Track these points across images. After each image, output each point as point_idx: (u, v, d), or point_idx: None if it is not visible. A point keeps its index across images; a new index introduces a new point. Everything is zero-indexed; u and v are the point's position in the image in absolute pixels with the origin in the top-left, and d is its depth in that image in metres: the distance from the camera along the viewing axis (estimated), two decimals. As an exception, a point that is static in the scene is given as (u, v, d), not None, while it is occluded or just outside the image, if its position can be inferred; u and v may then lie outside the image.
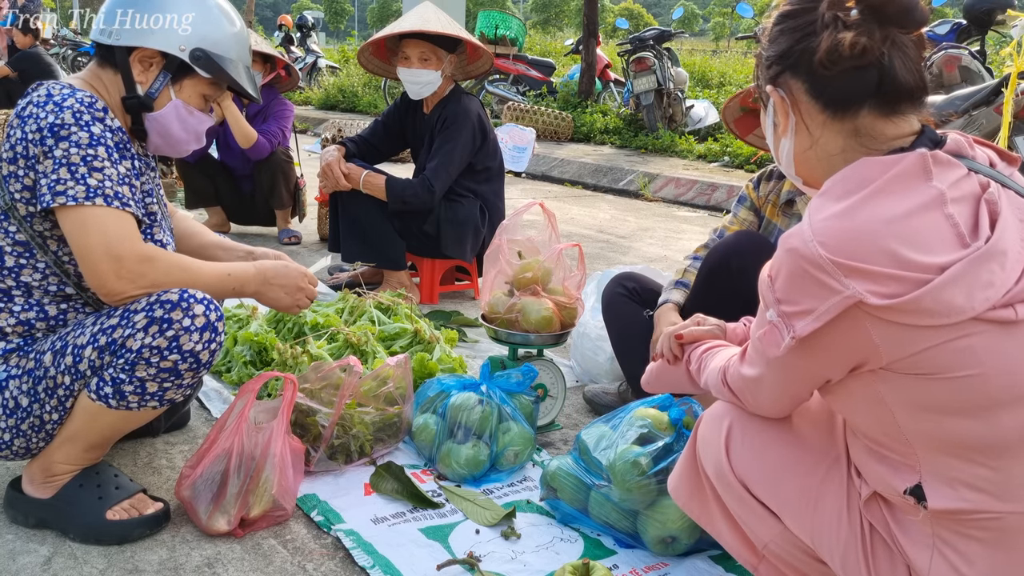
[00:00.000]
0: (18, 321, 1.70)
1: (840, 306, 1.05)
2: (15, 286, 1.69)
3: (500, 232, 2.41)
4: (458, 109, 3.47)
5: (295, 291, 1.87)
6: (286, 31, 15.93)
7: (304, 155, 7.21)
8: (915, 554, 1.16)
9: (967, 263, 1.03)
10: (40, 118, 1.60)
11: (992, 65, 6.98)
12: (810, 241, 1.07)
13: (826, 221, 1.07)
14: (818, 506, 1.26)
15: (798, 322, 1.09)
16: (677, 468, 1.48)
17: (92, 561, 1.68)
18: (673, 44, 12.25)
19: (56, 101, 1.61)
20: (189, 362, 1.63)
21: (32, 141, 1.60)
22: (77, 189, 1.59)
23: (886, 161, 1.10)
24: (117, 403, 1.64)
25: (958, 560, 1.13)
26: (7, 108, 6.79)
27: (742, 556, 1.39)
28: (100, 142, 1.63)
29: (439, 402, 2.17)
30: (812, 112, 1.19)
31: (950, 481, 1.11)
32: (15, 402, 1.67)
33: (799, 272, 1.08)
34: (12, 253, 1.68)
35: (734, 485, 1.32)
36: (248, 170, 4.56)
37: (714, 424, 1.38)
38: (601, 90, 10.86)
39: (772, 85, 1.22)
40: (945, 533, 1.14)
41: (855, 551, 1.22)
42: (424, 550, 1.77)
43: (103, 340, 1.61)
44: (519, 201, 3.42)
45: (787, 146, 1.25)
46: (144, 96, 1.77)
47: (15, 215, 1.66)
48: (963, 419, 1.08)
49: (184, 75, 1.80)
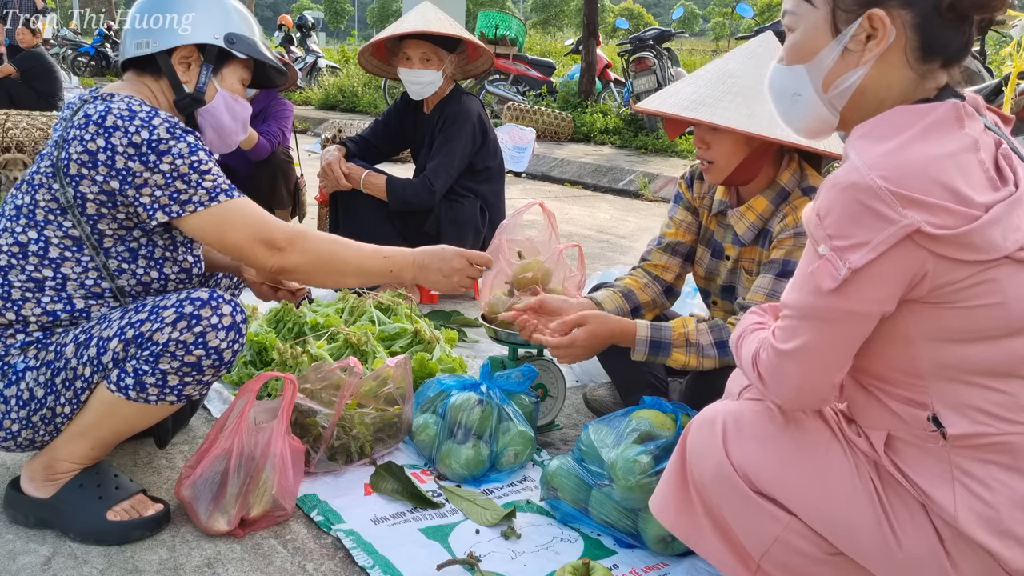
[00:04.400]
0: (44, 312, 1.71)
1: (898, 235, 1.09)
2: (51, 276, 1.71)
3: (500, 232, 2.41)
4: (458, 109, 3.47)
5: (453, 273, 1.96)
6: (286, 31, 15.93)
7: (304, 155, 7.20)
8: (936, 491, 1.19)
9: (1006, 205, 1.12)
10: (131, 132, 1.65)
11: (992, 65, 6.98)
12: (867, 175, 1.11)
13: (880, 157, 1.12)
14: (827, 477, 1.26)
15: (853, 254, 1.11)
16: (661, 488, 1.43)
17: (92, 561, 1.69)
18: (673, 44, 12.24)
19: (143, 117, 1.67)
20: (213, 359, 1.66)
21: (124, 154, 1.65)
22: (199, 194, 1.69)
23: (919, 109, 1.17)
24: (136, 395, 1.65)
25: (979, 487, 1.18)
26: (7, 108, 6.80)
27: (735, 571, 1.35)
28: (198, 147, 1.71)
29: (439, 402, 2.17)
30: (907, 47, 1.19)
31: (961, 408, 1.18)
32: (30, 393, 1.68)
33: (854, 205, 1.11)
34: (59, 245, 1.71)
35: (737, 484, 1.30)
36: (248, 170, 4.56)
37: (705, 429, 1.36)
38: (601, 90, 10.85)
39: (882, 8, 1.17)
40: (963, 462, 1.19)
41: (872, 512, 1.22)
42: (424, 550, 1.77)
43: (130, 333, 1.64)
44: (519, 201, 3.42)
45: (855, 75, 1.20)
46: (195, 92, 1.85)
47: (75, 212, 1.70)
48: (980, 345, 1.15)
49: (223, 64, 1.89)
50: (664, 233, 2.30)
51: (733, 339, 1.42)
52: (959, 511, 1.17)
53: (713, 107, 1.89)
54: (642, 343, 1.98)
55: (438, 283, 1.97)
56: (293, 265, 1.78)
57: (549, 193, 7.29)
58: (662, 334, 1.98)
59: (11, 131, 5.34)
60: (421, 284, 1.98)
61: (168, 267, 1.82)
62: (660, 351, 1.98)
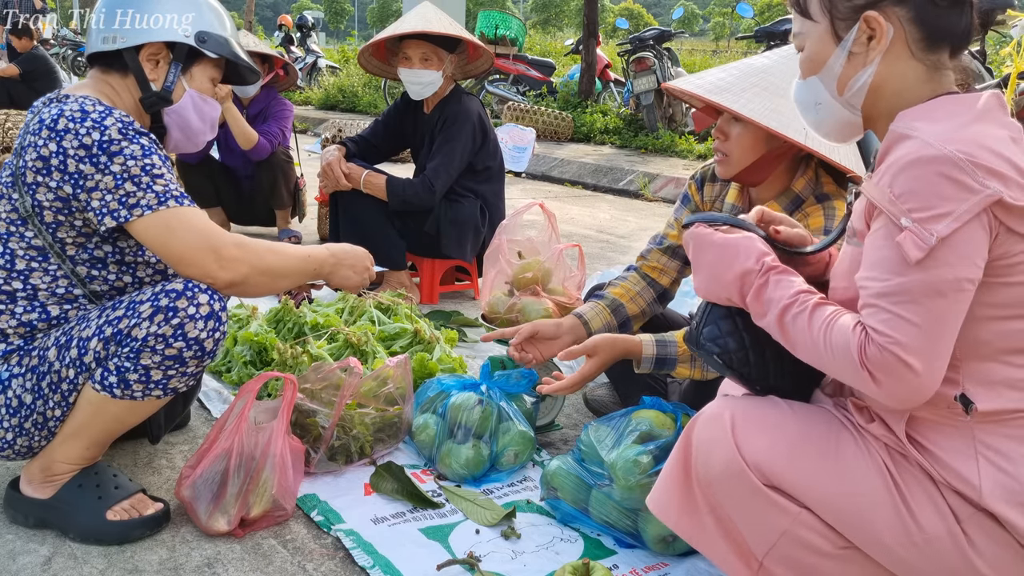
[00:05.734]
0: (19, 323, 1.70)
1: (981, 204, 1.12)
2: (21, 288, 1.70)
3: (500, 232, 2.41)
4: (458, 109, 3.47)
5: (363, 271, 1.98)
6: (286, 31, 15.93)
7: (304, 155, 7.21)
8: (961, 465, 1.21)
9: None
10: (81, 134, 1.61)
11: (992, 65, 6.98)
12: (943, 147, 1.13)
13: (948, 132, 1.16)
14: (840, 464, 1.26)
15: (936, 224, 1.12)
16: (661, 485, 1.42)
17: (92, 561, 1.69)
18: (673, 44, 12.26)
19: (95, 118, 1.63)
20: (194, 350, 1.65)
21: (75, 157, 1.61)
22: (148, 197, 1.64)
23: (967, 97, 1.22)
24: (122, 392, 1.64)
25: (1002, 460, 1.20)
26: (7, 108, 6.80)
27: (736, 570, 1.35)
28: (152, 151, 1.67)
29: (439, 402, 2.17)
30: (909, 40, 1.25)
31: (991, 384, 1.20)
32: (18, 400, 1.68)
33: (933, 177, 1.13)
34: (24, 257, 1.69)
35: (747, 477, 1.29)
36: (248, 170, 4.56)
37: (714, 424, 1.35)
38: (601, 90, 10.86)
39: (875, 10, 1.25)
40: (987, 437, 1.21)
41: (888, 495, 1.23)
42: (424, 550, 1.77)
43: (109, 331, 1.63)
44: (519, 201, 3.42)
45: (865, 74, 1.28)
46: (162, 91, 1.81)
47: (34, 221, 1.67)
48: (1018, 321, 1.19)
49: (192, 62, 1.85)
50: (666, 234, 2.27)
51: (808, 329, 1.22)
52: (983, 484, 1.19)
53: (738, 96, 1.87)
54: (648, 360, 1.98)
55: (348, 279, 1.96)
56: (243, 277, 1.70)
57: (549, 193, 7.29)
58: (667, 351, 1.98)
59: (11, 131, 5.34)
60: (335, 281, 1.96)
61: (141, 270, 1.79)
62: (666, 366, 1.99)
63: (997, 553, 1.20)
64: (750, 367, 1.37)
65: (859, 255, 1.26)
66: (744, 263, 1.31)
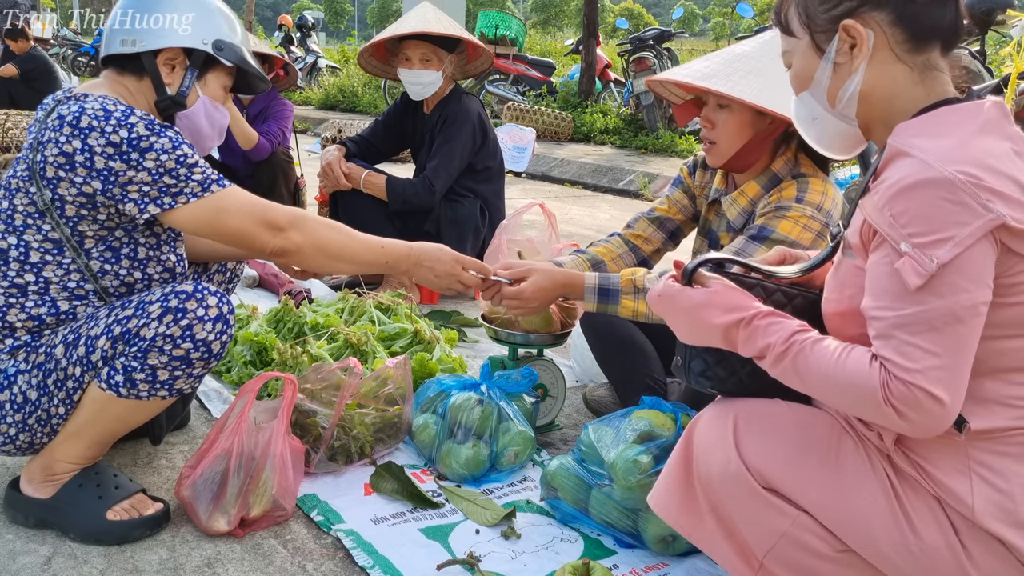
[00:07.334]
0: (28, 316, 1.71)
1: (984, 228, 1.09)
2: (34, 281, 1.70)
3: (500, 232, 2.41)
4: (458, 109, 3.47)
5: (446, 276, 1.97)
6: (286, 31, 15.92)
7: (304, 155, 7.20)
8: (954, 483, 1.20)
9: None
10: (108, 132, 1.62)
11: (992, 65, 6.98)
12: (943, 169, 1.10)
13: (949, 151, 1.12)
14: (841, 471, 1.26)
15: (937, 250, 1.09)
16: (663, 484, 1.42)
17: (92, 561, 1.69)
18: (673, 44, 12.23)
19: (118, 117, 1.64)
20: (201, 351, 1.66)
21: (103, 154, 1.62)
22: (191, 185, 1.68)
23: (969, 107, 1.20)
24: (127, 391, 1.65)
25: (995, 478, 1.19)
26: (8, 108, 6.80)
27: (737, 569, 1.35)
28: (180, 142, 1.69)
29: (439, 402, 2.17)
30: (892, 44, 1.24)
31: (984, 402, 1.18)
32: (23, 396, 1.68)
33: (934, 201, 1.10)
34: (39, 249, 1.70)
35: (746, 479, 1.29)
36: (248, 170, 4.56)
37: (716, 424, 1.35)
38: (601, 90, 10.86)
39: (851, 18, 1.24)
40: (981, 455, 1.20)
41: (887, 503, 1.22)
42: (424, 550, 1.77)
43: (118, 330, 1.64)
44: (519, 201, 3.42)
45: (853, 83, 1.27)
46: (177, 95, 1.83)
47: (53, 215, 1.68)
48: (1014, 340, 1.17)
49: (208, 69, 1.87)
50: (655, 208, 2.32)
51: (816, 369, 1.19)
52: (976, 503, 1.18)
53: (725, 80, 1.93)
54: (590, 291, 1.99)
55: (428, 281, 1.98)
56: (295, 246, 1.76)
57: (549, 193, 7.29)
58: (610, 281, 1.99)
59: (11, 131, 5.34)
60: (414, 278, 2.00)
61: (152, 267, 1.81)
62: (609, 299, 1.98)
63: (996, 567, 1.20)
64: (744, 386, 1.38)
65: (853, 267, 1.26)
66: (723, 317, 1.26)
